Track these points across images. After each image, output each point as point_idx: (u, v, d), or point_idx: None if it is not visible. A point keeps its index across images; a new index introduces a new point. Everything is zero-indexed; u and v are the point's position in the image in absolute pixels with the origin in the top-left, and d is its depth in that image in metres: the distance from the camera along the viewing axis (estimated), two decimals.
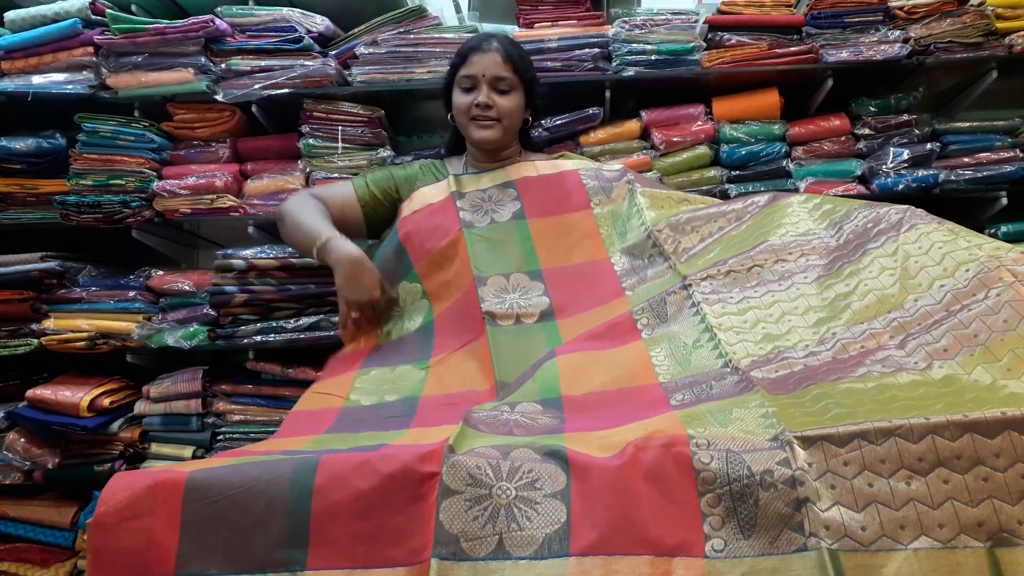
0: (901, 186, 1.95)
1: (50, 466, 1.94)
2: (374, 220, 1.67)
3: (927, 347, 0.89)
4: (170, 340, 1.93)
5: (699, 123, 2.06)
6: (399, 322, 1.49)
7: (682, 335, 1.15)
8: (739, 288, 1.18)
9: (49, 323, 1.98)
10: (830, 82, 2.02)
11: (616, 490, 0.75)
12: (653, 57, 2.00)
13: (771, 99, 2.05)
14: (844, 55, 1.99)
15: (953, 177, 1.99)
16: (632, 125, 2.09)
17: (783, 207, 1.34)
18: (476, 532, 0.73)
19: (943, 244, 1.00)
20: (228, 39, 2.06)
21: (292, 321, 1.92)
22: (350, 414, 1.20)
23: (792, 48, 2.01)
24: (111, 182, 2.02)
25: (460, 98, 1.57)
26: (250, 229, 2.10)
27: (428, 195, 1.58)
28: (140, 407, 1.97)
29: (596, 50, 2.04)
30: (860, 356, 0.93)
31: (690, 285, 1.23)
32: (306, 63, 2.03)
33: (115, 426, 1.94)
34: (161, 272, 2.05)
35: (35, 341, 1.98)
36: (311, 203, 1.60)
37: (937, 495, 0.70)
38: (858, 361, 0.92)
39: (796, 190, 1.99)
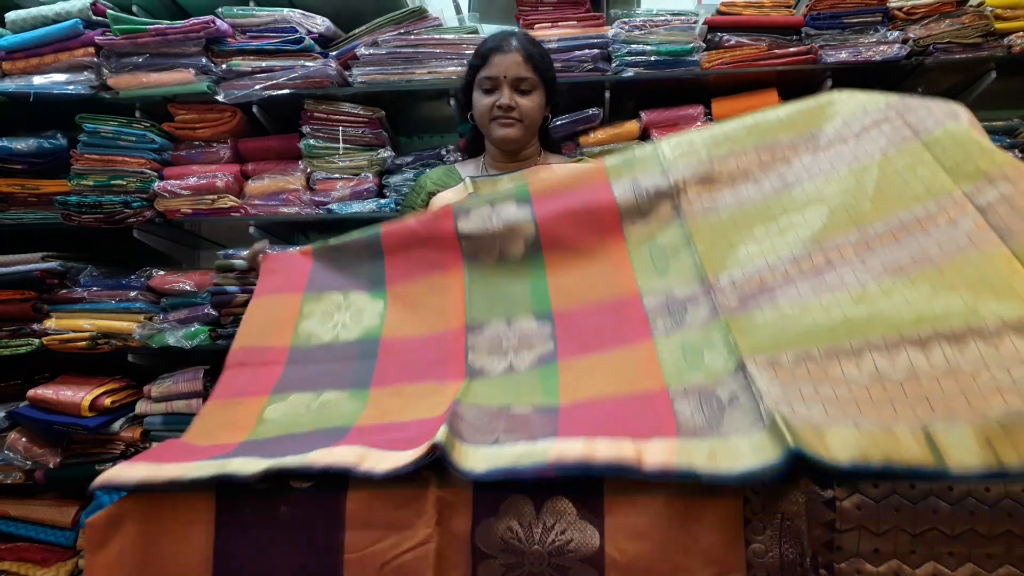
0: None
1: (51, 466, 1.95)
2: None
3: (884, 262, 0.97)
4: (171, 340, 1.94)
5: (698, 124, 2.06)
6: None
7: (660, 237, 1.21)
8: (732, 193, 1.20)
9: (50, 323, 1.99)
10: (829, 83, 2.02)
11: (600, 419, 0.91)
12: (652, 58, 2.01)
13: (770, 100, 2.05)
14: (843, 56, 1.99)
15: None
16: (632, 126, 2.10)
17: (824, 104, 1.26)
18: (482, 427, 0.91)
19: (925, 176, 1.05)
20: (229, 40, 2.07)
21: None
22: (300, 357, 1.23)
23: (791, 49, 2.02)
24: (112, 182, 2.03)
25: (481, 99, 1.56)
26: (251, 229, 2.10)
27: (445, 199, 1.58)
28: (141, 407, 1.97)
29: (596, 51, 2.04)
30: (824, 267, 1.02)
31: (679, 192, 1.23)
32: (307, 64, 2.04)
33: (116, 426, 1.95)
34: (162, 272, 2.06)
35: (36, 341, 1.99)
36: None
37: (877, 398, 0.81)
38: (819, 272, 1.01)
39: None
